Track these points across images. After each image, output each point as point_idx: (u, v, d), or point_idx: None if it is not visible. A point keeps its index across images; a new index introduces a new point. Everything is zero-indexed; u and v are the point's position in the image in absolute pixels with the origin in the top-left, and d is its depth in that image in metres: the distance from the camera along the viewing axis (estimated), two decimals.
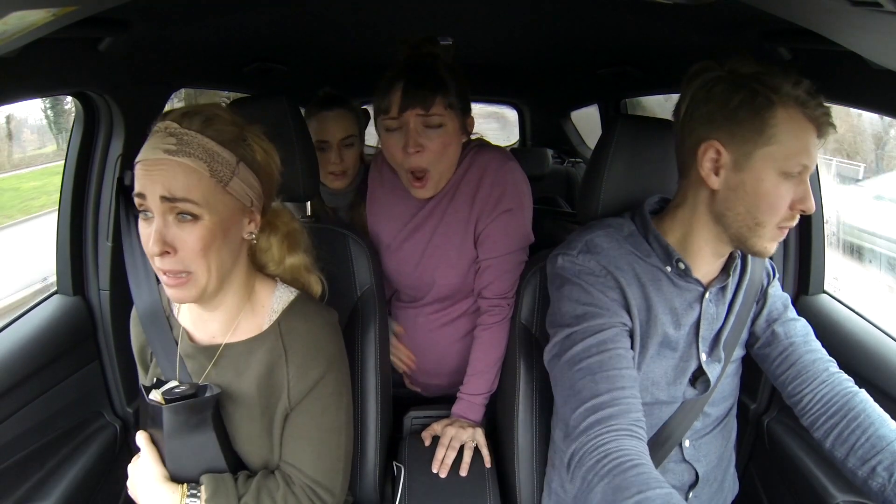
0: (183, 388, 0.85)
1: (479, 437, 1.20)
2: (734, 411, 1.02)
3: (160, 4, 0.97)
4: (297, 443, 0.89)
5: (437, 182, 1.18)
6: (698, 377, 0.93)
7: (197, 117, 0.78)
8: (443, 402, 1.37)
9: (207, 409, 0.84)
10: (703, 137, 0.83)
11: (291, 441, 0.89)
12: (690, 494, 0.96)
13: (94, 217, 1.25)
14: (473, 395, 1.23)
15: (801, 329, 0.96)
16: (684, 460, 0.94)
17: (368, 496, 1.13)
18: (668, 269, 0.89)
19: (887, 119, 1.73)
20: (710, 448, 0.97)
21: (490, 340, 1.22)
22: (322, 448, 0.89)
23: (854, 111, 1.62)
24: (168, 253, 0.76)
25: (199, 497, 0.84)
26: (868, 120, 1.98)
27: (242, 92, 1.91)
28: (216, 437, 0.85)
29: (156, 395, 0.84)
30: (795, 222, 0.85)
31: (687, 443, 0.94)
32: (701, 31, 1.13)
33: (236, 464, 0.89)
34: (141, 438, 0.90)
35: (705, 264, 0.90)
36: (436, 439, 1.21)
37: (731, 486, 1.05)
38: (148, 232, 0.76)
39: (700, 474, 0.95)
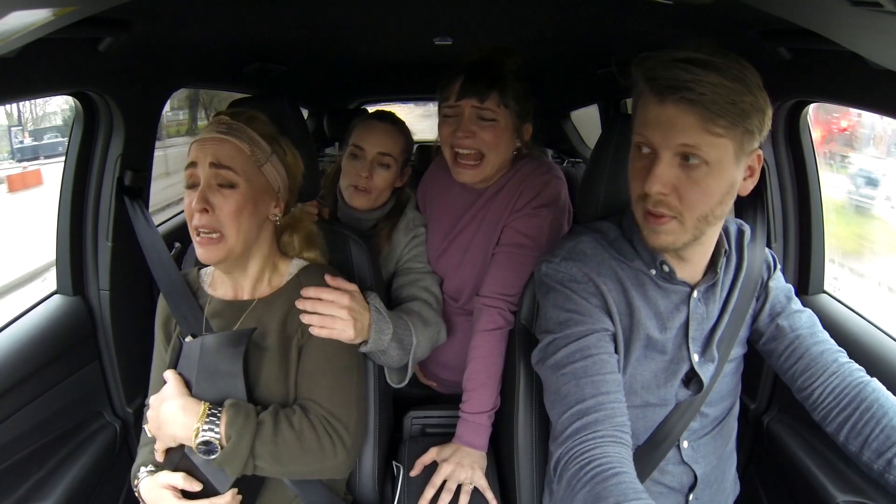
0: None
1: (479, 479, 1.10)
2: (735, 411, 1.00)
3: (160, 4, 0.98)
4: (312, 378, 0.97)
5: (486, 170, 1.20)
6: (691, 378, 0.91)
7: (243, 115, 0.96)
8: (444, 402, 1.37)
9: (243, 342, 0.94)
10: None
11: (307, 378, 0.98)
12: (691, 496, 0.94)
13: (94, 217, 1.26)
14: (478, 414, 1.13)
15: (806, 320, 0.93)
16: (683, 462, 0.93)
17: (367, 496, 1.13)
18: (653, 272, 0.89)
19: None
20: (710, 449, 0.95)
21: (489, 350, 1.15)
22: (335, 383, 0.98)
23: None
24: (206, 211, 0.90)
25: (220, 411, 0.90)
26: None
27: (242, 92, 1.91)
28: (243, 372, 0.94)
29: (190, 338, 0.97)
30: (656, 208, 0.79)
31: (685, 444, 0.93)
32: (701, 31, 1.13)
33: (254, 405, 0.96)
34: (168, 373, 0.97)
35: (690, 263, 0.88)
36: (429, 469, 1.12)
37: (733, 487, 1.04)
38: (192, 195, 0.91)
39: (699, 475, 0.94)
